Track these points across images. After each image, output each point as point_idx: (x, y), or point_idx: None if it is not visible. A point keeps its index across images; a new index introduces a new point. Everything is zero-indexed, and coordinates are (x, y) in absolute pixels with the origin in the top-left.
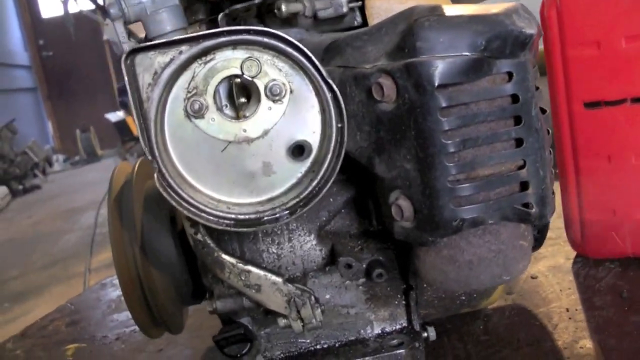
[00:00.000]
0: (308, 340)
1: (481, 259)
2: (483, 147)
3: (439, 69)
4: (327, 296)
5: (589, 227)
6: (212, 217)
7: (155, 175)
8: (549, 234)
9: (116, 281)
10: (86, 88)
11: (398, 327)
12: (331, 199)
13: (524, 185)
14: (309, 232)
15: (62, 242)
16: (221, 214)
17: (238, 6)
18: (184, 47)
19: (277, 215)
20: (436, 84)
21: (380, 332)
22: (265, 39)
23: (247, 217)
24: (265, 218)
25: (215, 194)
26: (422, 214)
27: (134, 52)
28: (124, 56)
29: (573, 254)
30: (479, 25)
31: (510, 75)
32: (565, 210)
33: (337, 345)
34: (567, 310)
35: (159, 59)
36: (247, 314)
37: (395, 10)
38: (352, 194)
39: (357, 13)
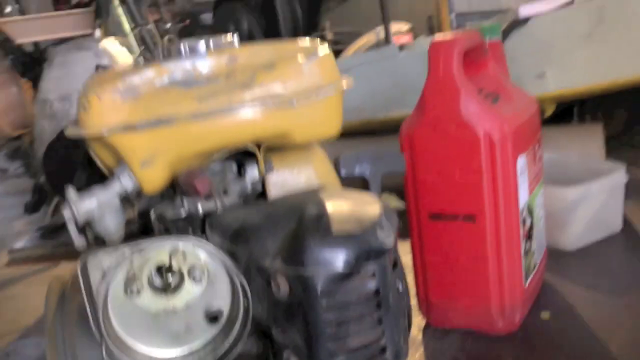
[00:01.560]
0: None
1: None
2: (353, 326)
3: (321, 281)
4: None
5: (434, 305)
6: None
7: (103, 350)
8: None
9: None
10: None
11: None
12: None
13: (384, 349)
14: None
15: None
16: None
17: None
18: (126, 250)
19: None
20: (319, 292)
21: None
22: (189, 243)
23: None
24: None
25: (149, 351)
26: None
27: (86, 256)
28: (80, 262)
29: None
30: (351, 244)
31: (374, 274)
32: (416, 290)
33: None
34: None
35: (106, 260)
36: None
37: (288, 182)
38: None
39: (260, 184)
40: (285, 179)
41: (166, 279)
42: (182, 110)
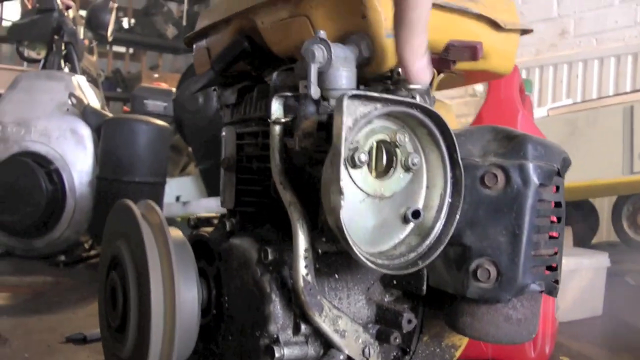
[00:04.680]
0: None
1: (526, 318)
2: (542, 235)
3: (538, 172)
4: None
5: None
6: None
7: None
8: None
9: None
10: None
11: None
12: None
13: (555, 267)
14: (361, 292)
15: None
16: None
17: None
18: (378, 105)
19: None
20: (537, 183)
21: None
22: (427, 120)
23: None
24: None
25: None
26: (505, 276)
27: (343, 97)
28: (347, 97)
29: None
30: (561, 151)
31: (557, 188)
32: None
33: None
34: None
35: (361, 108)
36: None
37: None
38: None
39: None
40: None
41: (380, 158)
42: None
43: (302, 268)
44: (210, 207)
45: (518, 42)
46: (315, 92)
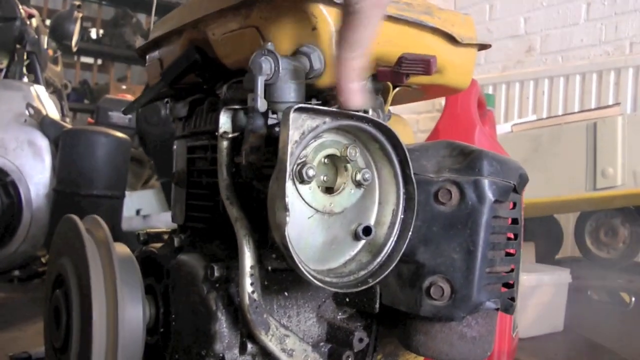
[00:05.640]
0: None
1: (480, 336)
2: (497, 252)
3: (494, 188)
4: None
5: None
6: None
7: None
8: None
9: None
10: None
11: None
12: None
13: (512, 284)
14: (312, 310)
15: None
16: None
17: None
18: (327, 119)
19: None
20: (492, 199)
21: None
22: (378, 134)
23: None
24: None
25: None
26: (459, 294)
27: (290, 110)
28: (293, 110)
29: None
30: (518, 168)
31: (514, 204)
32: None
33: None
34: None
35: (308, 122)
36: None
37: None
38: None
39: None
40: None
41: (328, 173)
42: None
43: (248, 285)
44: (170, 221)
45: (475, 57)
46: (262, 105)
